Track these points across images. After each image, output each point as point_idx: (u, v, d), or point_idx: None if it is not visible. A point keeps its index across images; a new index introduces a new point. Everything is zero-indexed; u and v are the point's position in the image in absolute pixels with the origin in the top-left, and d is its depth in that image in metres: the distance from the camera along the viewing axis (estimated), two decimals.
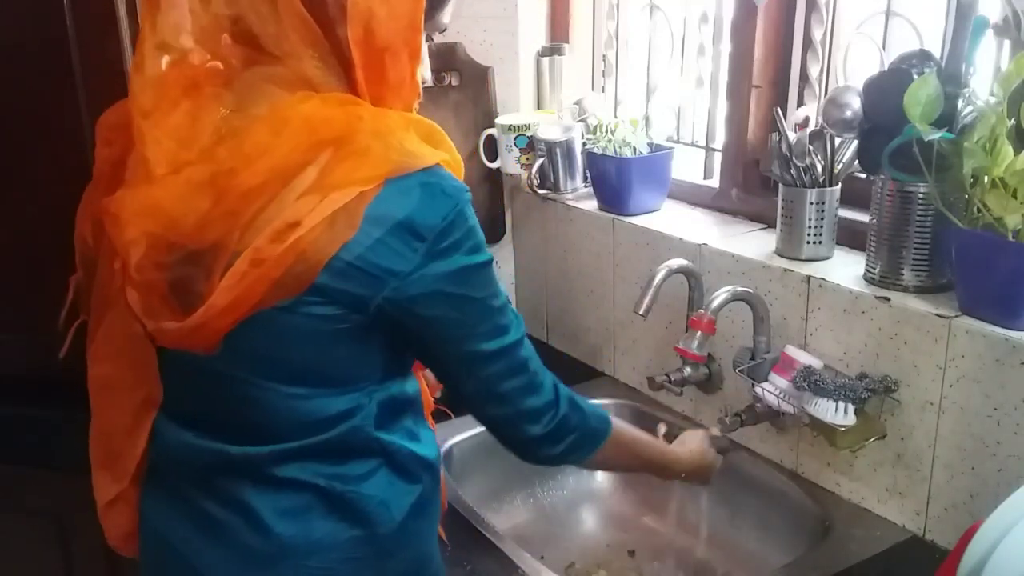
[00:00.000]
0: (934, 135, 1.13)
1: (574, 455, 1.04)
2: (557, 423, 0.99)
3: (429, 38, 0.97)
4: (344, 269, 0.83)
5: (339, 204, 0.81)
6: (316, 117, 0.83)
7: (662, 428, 1.42)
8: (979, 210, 1.13)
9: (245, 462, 0.93)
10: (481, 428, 1.02)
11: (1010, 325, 1.13)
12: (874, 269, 1.30)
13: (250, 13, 0.84)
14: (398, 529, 0.95)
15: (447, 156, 0.88)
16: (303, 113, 0.83)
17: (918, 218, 1.23)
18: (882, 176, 1.26)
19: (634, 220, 1.68)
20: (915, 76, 1.18)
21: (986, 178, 1.11)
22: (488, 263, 0.91)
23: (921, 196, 1.22)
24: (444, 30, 0.99)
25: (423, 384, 1.05)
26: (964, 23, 1.17)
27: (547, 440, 0.99)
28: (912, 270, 1.26)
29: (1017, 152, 1.09)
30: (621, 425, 1.12)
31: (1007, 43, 1.19)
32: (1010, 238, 1.11)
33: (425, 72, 0.95)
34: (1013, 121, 1.09)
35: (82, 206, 1.03)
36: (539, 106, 2.00)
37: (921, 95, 1.15)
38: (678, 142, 1.83)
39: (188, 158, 0.85)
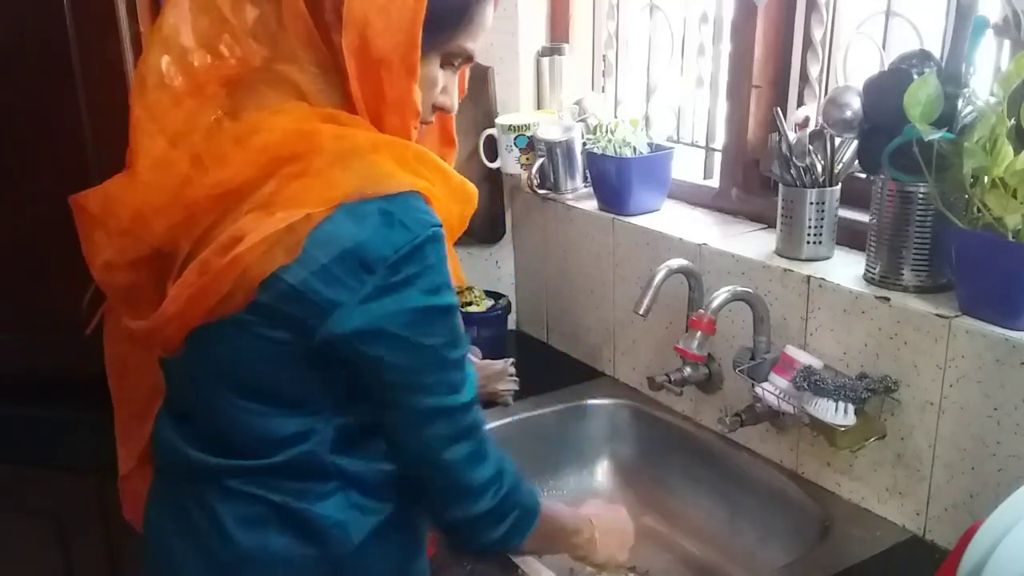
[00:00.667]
0: (934, 135, 1.13)
1: (513, 538, 0.96)
2: (501, 499, 0.91)
3: (455, 64, 0.91)
4: (287, 292, 0.80)
5: (282, 225, 0.78)
6: (280, 132, 0.80)
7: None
8: (979, 210, 1.13)
9: (207, 470, 0.93)
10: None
11: (1010, 325, 1.13)
12: (874, 269, 1.30)
13: (265, 15, 0.84)
14: (356, 552, 0.92)
15: (428, 185, 0.83)
16: (269, 126, 0.81)
17: (918, 218, 1.23)
18: (882, 176, 1.26)
19: (634, 220, 1.68)
20: (915, 76, 1.18)
21: (986, 178, 1.11)
22: (449, 308, 0.84)
23: (921, 196, 1.22)
24: (471, 59, 0.92)
25: None
26: (964, 23, 1.17)
27: (489, 520, 0.92)
28: (912, 270, 1.26)
29: (1017, 152, 1.09)
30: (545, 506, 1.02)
31: (1007, 43, 1.19)
32: (1010, 238, 1.11)
33: (450, 101, 0.92)
34: (1013, 121, 1.09)
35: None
36: (539, 106, 1.99)
37: (921, 95, 1.15)
38: (678, 142, 1.83)
39: (174, 158, 0.85)
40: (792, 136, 1.40)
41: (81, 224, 0.91)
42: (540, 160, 1.84)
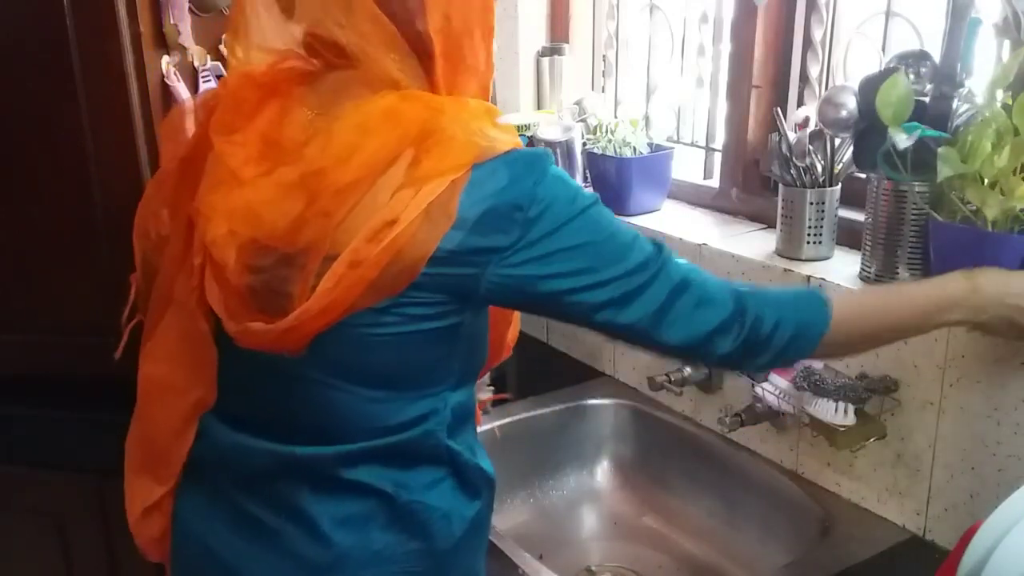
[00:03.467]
0: (902, 135, 1.14)
1: (790, 354, 0.94)
2: (748, 331, 0.90)
3: None
4: (447, 258, 0.82)
5: (433, 196, 0.80)
6: (397, 111, 0.83)
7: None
8: (958, 205, 1.15)
9: (308, 464, 0.91)
10: (482, 428, 1.00)
11: None
12: (870, 268, 1.30)
13: (327, 22, 0.85)
14: (456, 544, 0.94)
15: (517, 141, 0.87)
16: (384, 108, 0.83)
17: (913, 216, 1.24)
18: (877, 175, 1.26)
19: (634, 220, 1.68)
20: (910, 75, 1.18)
21: (973, 175, 1.12)
22: (595, 204, 0.87)
23: (916, 195, 1.22)
24: None
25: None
26: (960, 23, 1.17)
27: (745, 353, 0.91)
28: (907, 268, 1.26)
29: (998, 150, 1.10)
30: (848, 299, 1.00)
31: (1007, 43, 1.19)
32: (989, 229, 1.12)
33: None
34: (1003, 119, 1.10)
35: (145, 202, 1.02)
36: (539, 106, 2.00)
37: (892, 96, 1.15)
38: (678, 142, 1.83)
39: (276, 160, 0.85)
40: (792, 136, 1.40)
41: (205, 230, 0.87)
42: None
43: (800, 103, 1.59)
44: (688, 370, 1.51)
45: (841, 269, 1.37)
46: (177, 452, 0.98)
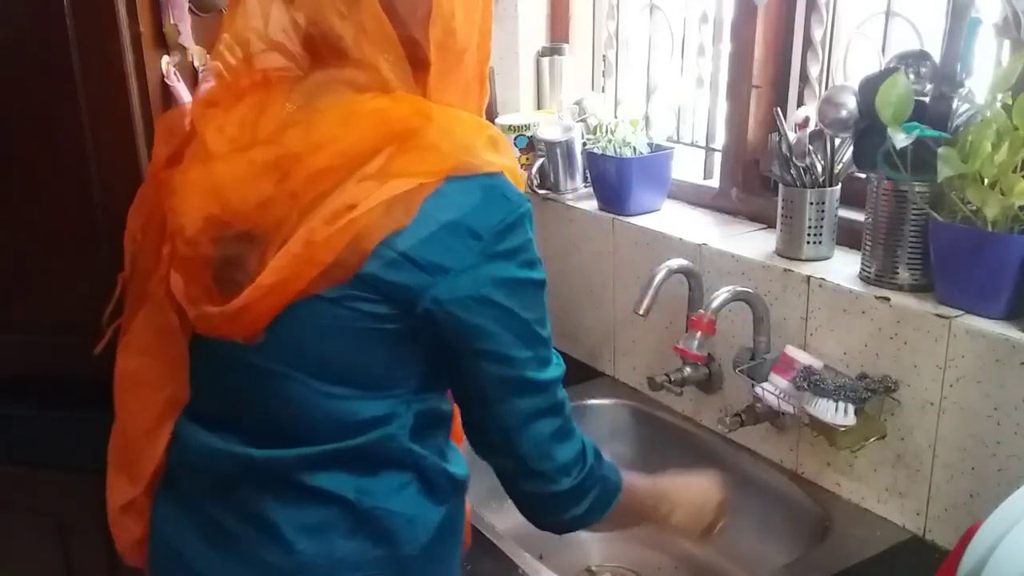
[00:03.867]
0: (901, 135, 1.14)
1: (595, 514, 0.97)
2: (585, 475, 0.94)
3: None
4: (395, 260, 0.81)
5: (398, 191, 0.80)
6: (384, 111, 0.84)
7: None
8: (959, 204, 1.15)
9: (270, 468, 0.90)
10: None
11: (990, 314, 1.16)
12: (869, 268, 1.30)
13: (330, 16, 0.85)
14: (423, 550, 0.92)
15: (510, 164, 0.87)
16: (373, 107, 0.84)
17: (913, 217, 1.24)
18: (877, 175, 1.26)
19: (634, 220, 1.68)
20: (910, 75, 1.18)
21: (973, 175, 1.12)
22: (542, 284, 0.88)
23: (916, 195, 1.22)
24: None
25: (455, 406, 1.00)
26: (960, 23, 1.17)
27: (572, 496, 0.94)
28: (908, 269, 1.26)
29: (996, 148, 1.10)
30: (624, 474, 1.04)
31: (1007, 43, 1.19)
32: (989, 229, 1.13)
33: None
34: (1003, 119, 1.10)
35: (135, 204, 1.02)
36: (539, 106, 2.00)
37: (892, 96, 1.16)
38: (678, 142, 1.83)
39: (249, 141, 0.86)
40: (792, 136, 1.40)
41: (169, 201, 0.89)
42: (540, 160, 1.84)
43: (800, 103, 1.59)
44: (688, 370, 1.52)
45: (841, 269, 1.37)
46: (149, 453, 0.98)
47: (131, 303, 1.00)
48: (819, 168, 1.40)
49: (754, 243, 1.52)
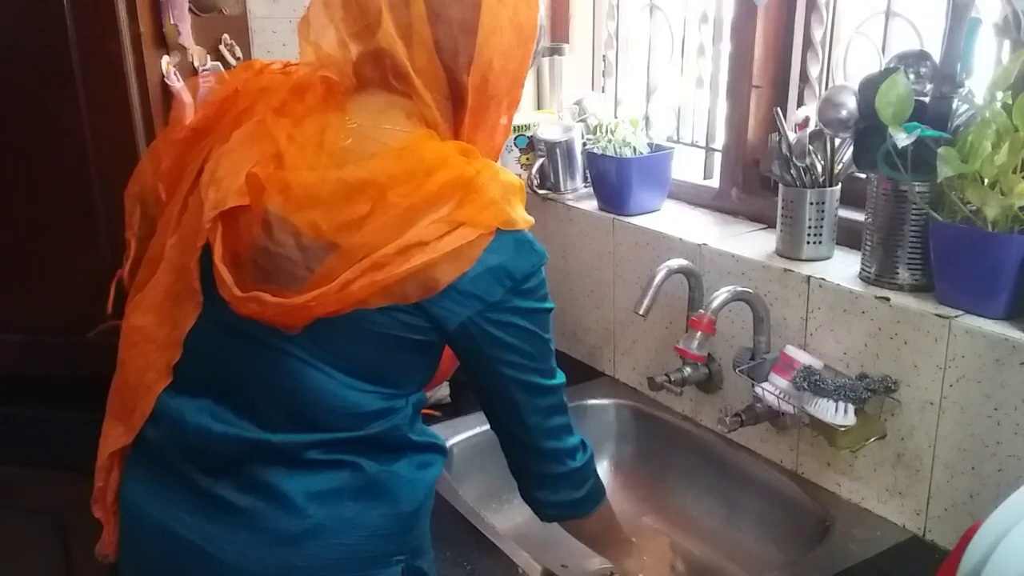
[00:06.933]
0: (902, 135, 1.14)
1: (590, 502, 1.13)
2: (585, 462, 1.10)
3: None
4: (448, 292, 0.93)
5: (466, 240, 0.92)
6: (453, 160, 0.95)
7: None
8: (958, 204, 1.15)
9: (285, 449, 0.97)
10: (480, 428, 1.04)
11: (989, 314, 1.16)
12: (869, 268, 1.30)
13: (396, 52, 0.95)
14: (418, 507, 1.03)
15: (531, 221, 1.01)
16: (441, 153, 0.95)
17: (913, 217, 1.24)
18: (877, 175, 1.26)
19: (634, 220, 1.68)
20: (910, 75, 1.18)
21: (973, 175, 1.12)
22: (551, 311, 1.03)
23: (916, 195, 1.22)
24: None
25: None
26: (960, 23, 1.17)
27: (575, 479, 1.09)
28: (908, 269, 1.26)
29: (998, 149, 1.10)
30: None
31: (1007, 43, 1.19)
32: (989, 229, 1.13)
33: None
34: (1003, 119, 1.10)
35: (153, 153, 1.11)
36: (539, 106, 2.00)
37: (891, 96, 1.16)
38: (678, 142, 1.83)
39: (315, 152, 0.95)
40: (792, 136, 1.40)
41: (261, 199, 0.95)
42: (540, 160, 1.84)
43: (800, 103, 1.59)
44: (688, 370, 1.52)
45: (841, 269, 1.37)
46: (144, 406, 1.03)
47: (147, 266, 1.05)
48: (819, 168, 1.40)
49: (754, 243, 1.52)
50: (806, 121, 1.43)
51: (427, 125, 0.98)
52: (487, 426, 1.09)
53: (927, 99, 1.22)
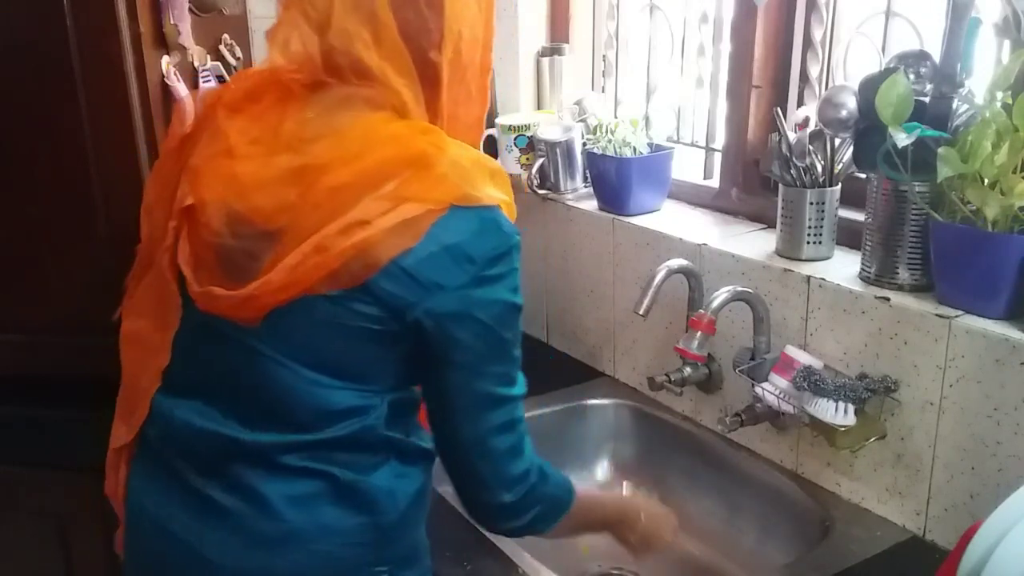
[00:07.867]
0: (902, 135, 1.14)
1: (538, 526, 1.06)
2: (525, 493, 1.02)
3: None
4: (397, 274, 0.89)
5: (409, 215, 0.88)
6: (406, 138, 0.92)
7: None
8: (958, 204, 1.15)
9: (258, 450, 0.96)
10: None
11: (990, 314, 1.16)
12: (869, 268, 1.30)
13: (357, 43, 0.93)
14: (400, 517, 1.00)
15: (507, 199, 0.96)
16: (393, 132, 0.93)
17: (913, 217, 1.24)
18: (877, 175, 1.26)
19: (634, 220, 1.68)
20: (910, 75, 1.18)
21: (973, 175, 1.13)
22: (520, 309, 0.96)
23: (916, 195, 1.22)
24: None
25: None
26: (960, 23, 1.17)
27: (514, 510, 1.02)
28: (908, 269, 1.26)
29: (998, 149, 1.10)
30: (580, 490, 1.12)
31: (1007, 43, 1.19)
32: (990, 229, 1.13)
33: None
34: (1003, 119, 1.10)
35: (152, 176, 1.10)
36: (539, 106, 1.99)
37: (891, 96, 1.16)
38: (678, 142, 1.83)
39: (269, 145, 0.94)
40: (792, 136, 1.40)
41: (193, 188, 0.96)
42: (540, 160, 1.84)
43: (800, 103, 1.59)
44: (688, 370, 1.52)
45: (841, 269, 1.37)
46: (142, 409, 1.04)
47: (139, 268, 1.07)
48: (819, 168, 1.40)
49: (754, 243, 1.52)
50: (806, 121, 1.43)
51: (395, 112, 0.95)
52: None
53: (927, 99, 1.22)
